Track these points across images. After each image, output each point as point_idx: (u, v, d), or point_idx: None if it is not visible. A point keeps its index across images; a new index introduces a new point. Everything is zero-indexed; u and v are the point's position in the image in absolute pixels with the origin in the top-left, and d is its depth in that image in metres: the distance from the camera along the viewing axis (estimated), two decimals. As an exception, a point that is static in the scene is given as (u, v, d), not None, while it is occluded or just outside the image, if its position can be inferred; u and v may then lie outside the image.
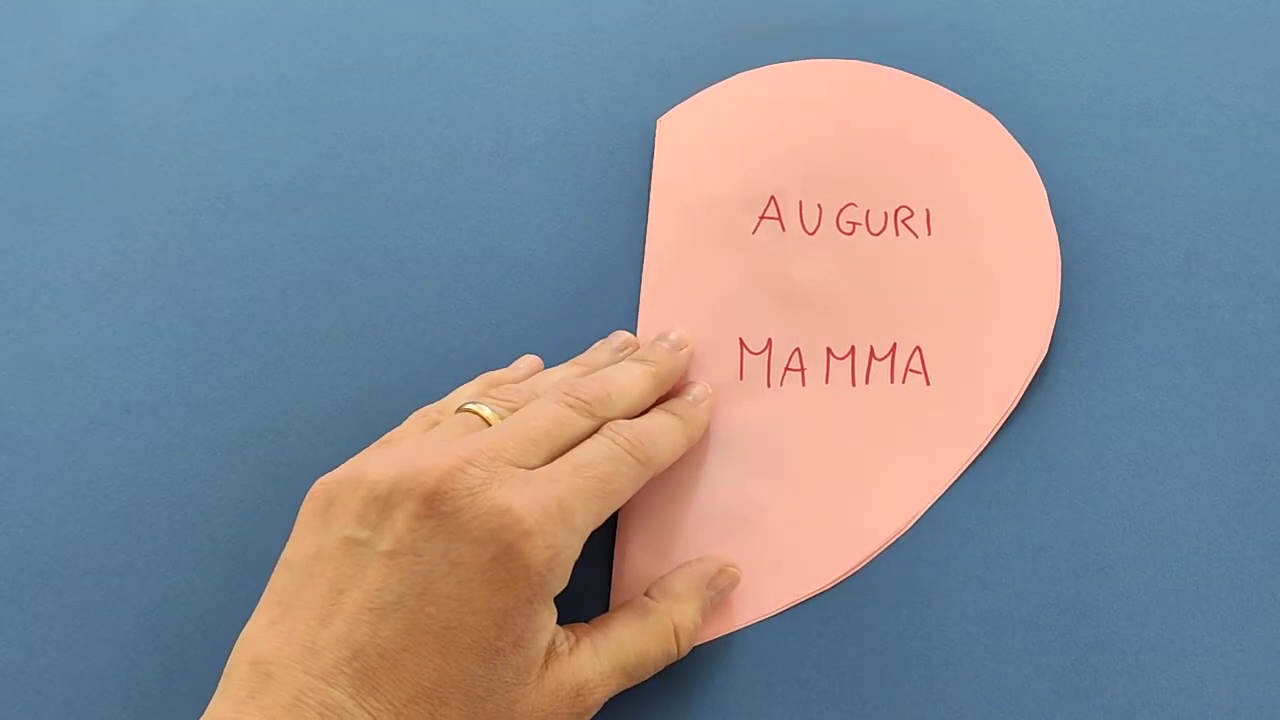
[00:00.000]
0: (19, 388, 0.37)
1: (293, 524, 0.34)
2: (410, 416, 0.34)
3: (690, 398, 0.35)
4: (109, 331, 0.38)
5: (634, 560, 0.34)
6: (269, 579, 0.29)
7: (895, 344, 0.36)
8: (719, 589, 0.33)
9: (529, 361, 0.36)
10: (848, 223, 0.38)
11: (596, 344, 0.36)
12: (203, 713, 0.27)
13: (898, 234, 0.38)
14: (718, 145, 0.40)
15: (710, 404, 0.35)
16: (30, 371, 0.38)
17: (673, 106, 0.41)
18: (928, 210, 0.38)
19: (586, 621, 0.31)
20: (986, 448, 0.35)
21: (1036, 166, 0.39)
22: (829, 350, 0.36)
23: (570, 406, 0.31)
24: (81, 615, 0.34)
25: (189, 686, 0.33)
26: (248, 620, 0.29)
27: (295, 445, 0.36)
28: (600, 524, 0.29)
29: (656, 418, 0.33)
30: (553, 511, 0.28)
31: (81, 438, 0.37)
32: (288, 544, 0.29)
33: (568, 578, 0.28)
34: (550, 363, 0.36)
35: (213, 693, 0.28)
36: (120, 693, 0.33)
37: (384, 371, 0.37)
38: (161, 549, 0.35)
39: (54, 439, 0.37)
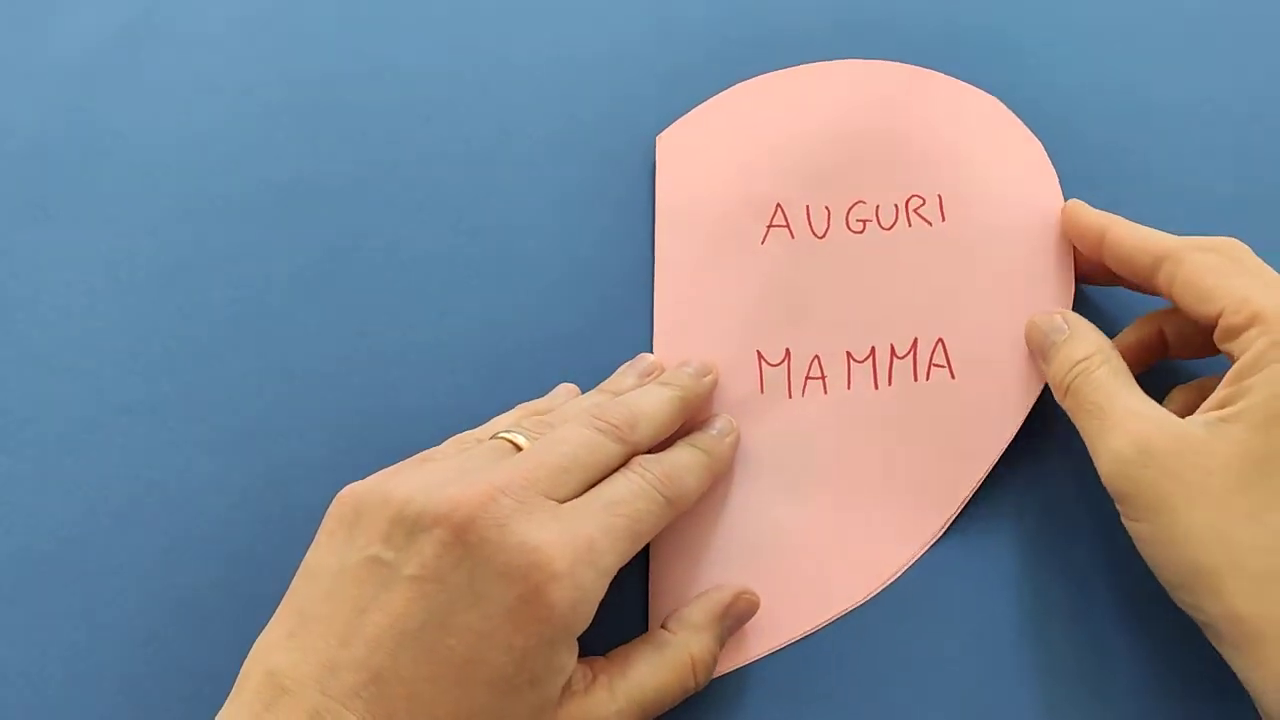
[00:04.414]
0: (19, 388, 0.38)
1: (292, 524, 0.35)
2: (447, 441, 0.34)
3: (715, 431, 0.35)
4: (109, 331, 0.38)
5: (668, 582, 0.34)
6: (274, 578, 0.29)
7: (916, 339, 0.36)
8: (735, 617, 0.33)
9: (566, 390, 0.36)
10: (858, 221, 0.38)
11: (622, 367, 0.36)
12: (206, 715, 0.27)
13: (910, 224, 0.37)
14: (718, 158, 0.40)
15: (735, 438, 0.35)
16: (30, 371, 0.38)
17: (671, 121, 0.41)
18: (940, 196, 0.37)
19: (619, 636, 0.31)
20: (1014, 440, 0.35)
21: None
22: (848, 354, 0.36)
23: (600, 431, 0.31)
24: (81, 615, 0.34)
25: (189, 686, 0.33)
26: (246, 619, 0.29)
27: (295, 445, 0.36)
28: (626, 563, 0.30)
29: (682, 452, 0.33)
30: (582, 553, 0.28)
31: (81, 438, 0.37)
32: (310, 549, 0.30)
33: (591, 618, 0.28)
34: (552, 370, 0.36)
35: (212, 692, 0.28)
36: (120, 693, 0.33)
37: (384, 372, 0.37)
38: (161, 549, 0.35)
39: (54, 439, 0.37)
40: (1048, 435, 0.35)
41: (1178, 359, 0.35)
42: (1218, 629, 0.28)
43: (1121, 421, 0.30)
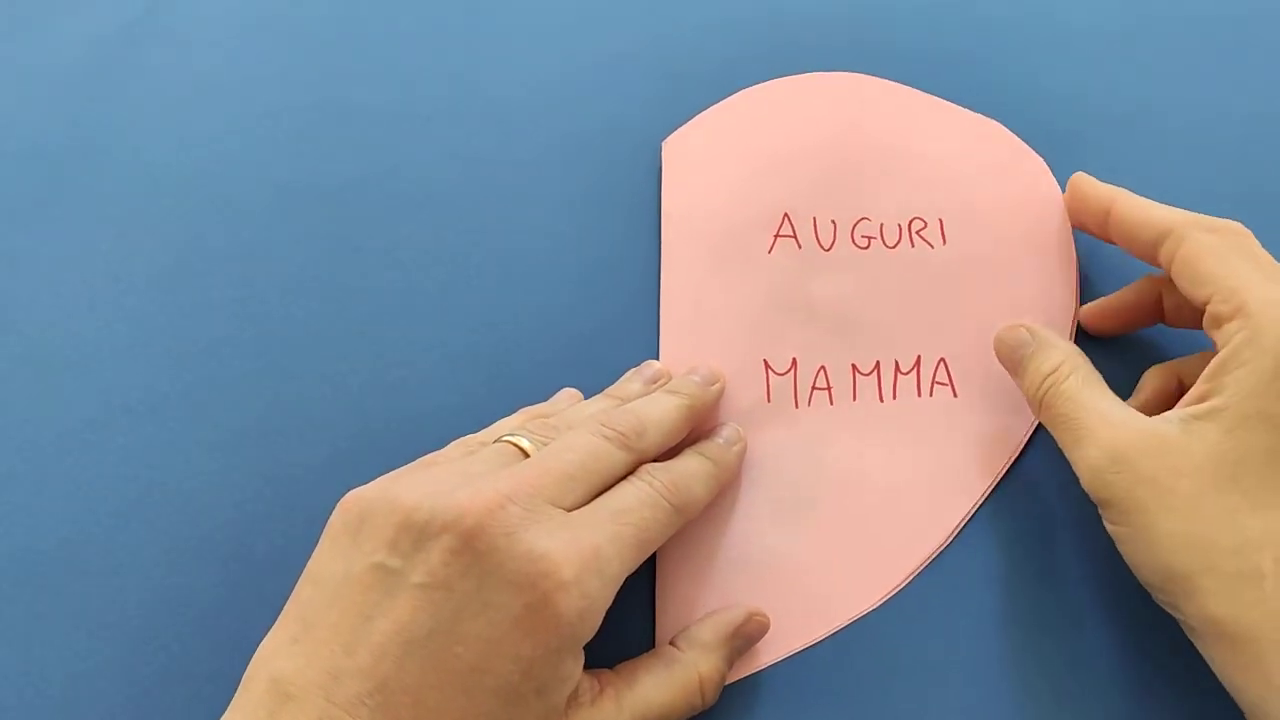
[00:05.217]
0: (19, 388, 0.38)
1: (293, 525, 0.35)
2: (451, 444, 0.34)
3: (721, 440, 0.35)
4: (109, 331, 0.38)
5: (676, 593, 0.34)
6: (276, 580, 0.29)
7: (919, 357, 0.36)
8: (746, 637, 0.33)
9: (568, 395, 0.36)
10: (863, 237, 0.38)
11: (628, 373, 0.36)
12: (207, 717, 0.27)
13: (913, 245, 0.38)
14: (725, 164, 0.40)
15: (742, 447, 0.35)
16: (30, 371, 0.38)
17: (677, 126, 0.41)
18: (941, 220, 0.38)
19: (624, 647, 0.31)
20: (1018, 456, 0.35)
21: (1041, 172, 0.39)
22: (854, 367, 0.37)
23: (606, 439, 0.31)
24: (81, 615, 0.34)
25: (189, 687, 0.33)
26: (247, 621, 0.29)
27: (295, 445, 0.36)
28: (632, 571, 0.30)
29: (689, 461, 0.33)
30: (590, 561, 0.28)
31: (81, 438, 0.37)
32: (314, 555, 0.29)
33: (597, 627, 0.29)
34: (558, 375, 0.37)
35: (213, 694, 0.28)
36: (120, 693, 0.33)
37: (386, 374, 0.38)
38: (161, 549, 0.35)
39: (54, 439, 0.37)
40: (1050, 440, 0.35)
41: (1172, 327, 0.35)
42: (1196, 630, 0.28)
43: (1093, 431, 0.30)
